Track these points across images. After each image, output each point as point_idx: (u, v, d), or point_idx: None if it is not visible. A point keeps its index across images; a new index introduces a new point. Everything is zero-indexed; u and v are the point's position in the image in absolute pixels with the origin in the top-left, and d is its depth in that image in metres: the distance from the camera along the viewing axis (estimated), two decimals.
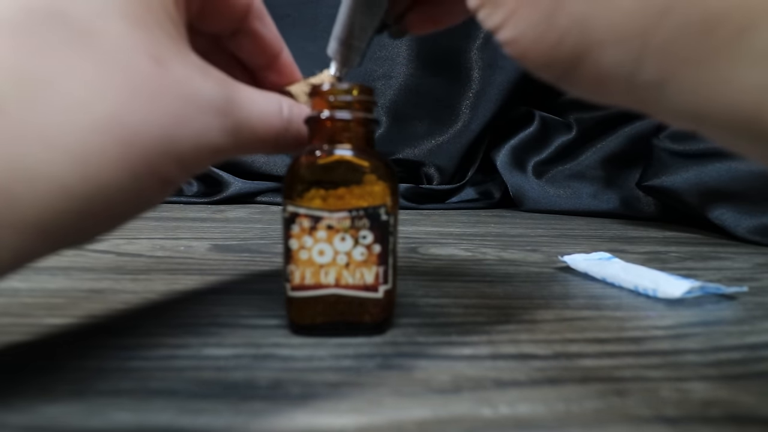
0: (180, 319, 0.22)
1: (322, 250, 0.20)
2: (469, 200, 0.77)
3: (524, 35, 0.14)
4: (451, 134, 0.79)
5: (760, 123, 0.11)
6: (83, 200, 0.14)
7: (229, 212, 0.60)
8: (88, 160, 0.14)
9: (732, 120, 0.12)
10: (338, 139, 0.20)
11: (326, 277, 0.20)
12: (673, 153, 0.56)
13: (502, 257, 0.37)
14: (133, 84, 0.14)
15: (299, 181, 0.19)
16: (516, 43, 0.14)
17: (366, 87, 0.20)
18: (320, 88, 0.20)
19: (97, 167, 0.14)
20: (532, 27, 0.14)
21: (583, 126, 0.76)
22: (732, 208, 0.50)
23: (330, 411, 0.15)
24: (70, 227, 0.14)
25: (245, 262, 0.33)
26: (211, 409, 0.15)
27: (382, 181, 0.20)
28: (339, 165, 0.19)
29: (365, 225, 0.19)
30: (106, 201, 0.14)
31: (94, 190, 0.14)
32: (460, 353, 0.19)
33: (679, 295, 0.26)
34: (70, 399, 0.15)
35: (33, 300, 0.23)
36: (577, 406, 0.15)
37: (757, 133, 0.12)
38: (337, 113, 0.20)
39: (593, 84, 0.14)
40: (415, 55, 0.79)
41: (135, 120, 0.14)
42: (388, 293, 0.20)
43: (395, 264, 0.21)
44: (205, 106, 0.16)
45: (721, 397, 0.16)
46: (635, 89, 0.13)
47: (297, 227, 0.19)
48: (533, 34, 0.14)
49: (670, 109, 0.13)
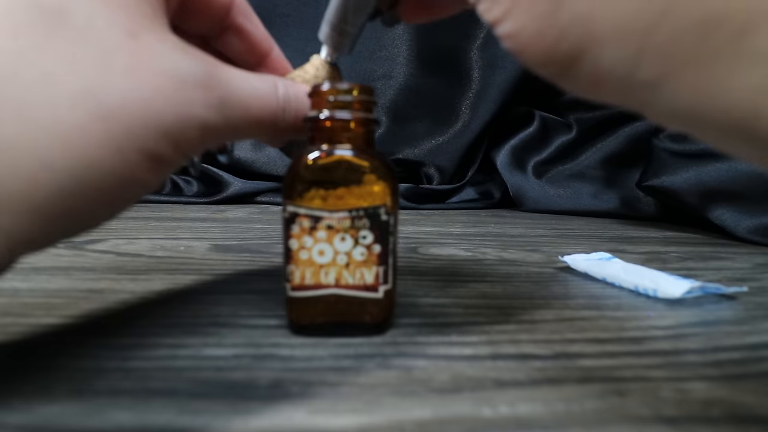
0: (180, 319, 0.22)
1: (322, 250, 0.20)
2: (469, 200, 0.77)
3: (524, 29, 0.14)
4: (451, 134, 0.79)
5: (756, 125, 0.11)
6: (69, 178, 0.14)
7: (229, 212, 0.60)
8: (69, 135, 0.14)
9: (727, 121, 0.12)
10: (338, 139, 0.20)
11: (326, 277, 0.20)
12: (673, 153, 0.56)
13: (502, 257, 0.37)
14: (107, 58, 0.14)
15: (299, 181, 0.19)
16: (515, 37, 0.14)
17: (366, 87, 0.20)
18: (320, 88, 0.20)
19: (80, 143, 0.14)
20: (533, 21, 0.13)
21: (583, 126, 0.76)
22: (732, 208, 0.50)
23: (330, 411, 0.15)
24: (63, 208, 0.14)
25: (245, 262, 0.33)
26: (211, 409, 0.15)
27: (382, 181, 0.20)
28: (339, 165, 0.19)
29: (365, 225, 0.19)
30: (94, 179, 0.14)
31: (79, 166, 0.14)
32: (460, 353, 0.19)
33: (679, 295, 0.26)
34: (69, 399, 0.15)
35: (33, 300, 0.23)
36: (577, 406, 0.15)
37: (752, 135, 0.12)
38: (337, 113, 0.20)
39: (591, 82, 0.14)
40: (415, 55, 0.79)
41: (111, 94, 0.14)
42: (388, 293, 0.20)
43: (395, 264, 0.21)
44: (185, 79, 0.16)
45: (721, 397, 0.16)
46: (632, 88, 0.13)
47: (297, 227, 0.19)
48: (533, 28, 0.14)
49: (665, 109, 0.13)
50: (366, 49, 0.78)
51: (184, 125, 0.16)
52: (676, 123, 0.13)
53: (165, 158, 0.16)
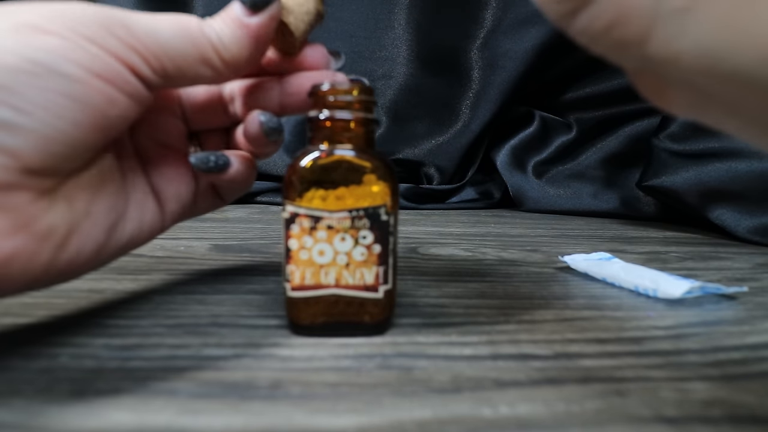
0: (180, 319, 0.22)
1: (322, 251, 0.20)
2: (469, 200, 0.77)
3: None
4: (451, 134, 0.79)
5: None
6: None
7: (229, 212, 0.60)
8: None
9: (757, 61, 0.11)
10: (338, 139, 0.20)
11: (326, 278, 0.20)
12: (673, 153, 0.56)
13: (502, 257, 0.37)
14: None
15: (299, 181, 0.19)
16: None
17: (366, 87, 0.20)
18: (320, 89, 0.20)
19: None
20: None
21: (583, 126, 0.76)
22: (732, 208, 0.50)
23: (330, 411, 0.15)
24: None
25: (245, 262, 0.33)
26: (211, 409, 0.15)
27: (382, 181, 0.20)
28: (339, 165, 0.19)
29: (365, 225, 0.19)
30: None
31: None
32: (460, 353, 0.19)
33: (679, 295, 0.26)
34: (69, 399, 0.15)
35: (33, 300, 0.23)
36: (577, 406, 0.15)
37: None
38: (337, 113, 0.20)
39: (615, 14, 0.13)
40: (415, 55, 0.79)
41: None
42: (388, 293, 0.20)
43: (395, 264, 0.21)
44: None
45: (721, 397, 0.16)
46: (660, 17, 0.12)
47: (297, 227, 0.19)
48: None
49: (690, 45, 0.12)
50: (366, 49, 0.78)
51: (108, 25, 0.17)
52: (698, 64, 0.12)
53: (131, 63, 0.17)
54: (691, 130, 0.56)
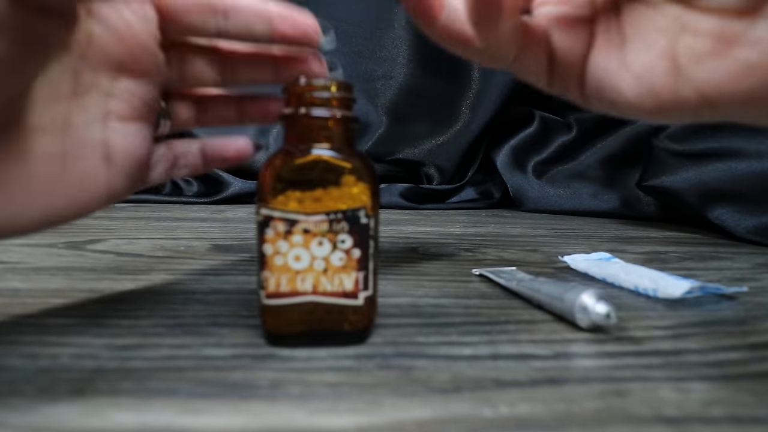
0: (180, 319, 0.22)
1: (299, 256, 0.18)
2: (469, 200, 0.77)
3: None
4: (451, 134, 0.79)
5: None
6: None
7: (229, 212, 0.60)
8: None
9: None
10: (315, 137, 0.19)
11: (303, 284, 0.19)
12: (673, 153, 0.56)
13: (502, 257, 0.37)
14: None
15: (273, 182, 0.18)
16: None
17: (345, 83, 0.19)
18: (296, 84, 0.19)
19: None
20: None
21: (583, 126, 0.76)
22: (732, 208, 0.50)
23: (329, 411, 0.15)
24: None
25: (245, 262, 0.33)
26: (211, 409, 0.15)
27: (362, 182, 0.19)
28: (316, 165, 0.18)
29: (344, 228, 0.18)
30: None
31: None
32: (460, 353, 0.19)
33: (679, 295, 0.26)
34: (69, 399, 0.15)
35: (33, 300, 0.23)
36: (577, 406, 0.15)
37: None
38: (313, 110, 0.19)
39: None
40: (415, 55, 0.79)
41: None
42: (368, 300, 0.19)
43: (376, 269, 0.20)
44: None
45: (721, 397, 0.16)
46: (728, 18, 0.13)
47: (271, 231, 0.18)
48: None
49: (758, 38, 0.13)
50: (366, 49, 0.78)
51: None
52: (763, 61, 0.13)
53: None
54: (691, 130, 0.56)
